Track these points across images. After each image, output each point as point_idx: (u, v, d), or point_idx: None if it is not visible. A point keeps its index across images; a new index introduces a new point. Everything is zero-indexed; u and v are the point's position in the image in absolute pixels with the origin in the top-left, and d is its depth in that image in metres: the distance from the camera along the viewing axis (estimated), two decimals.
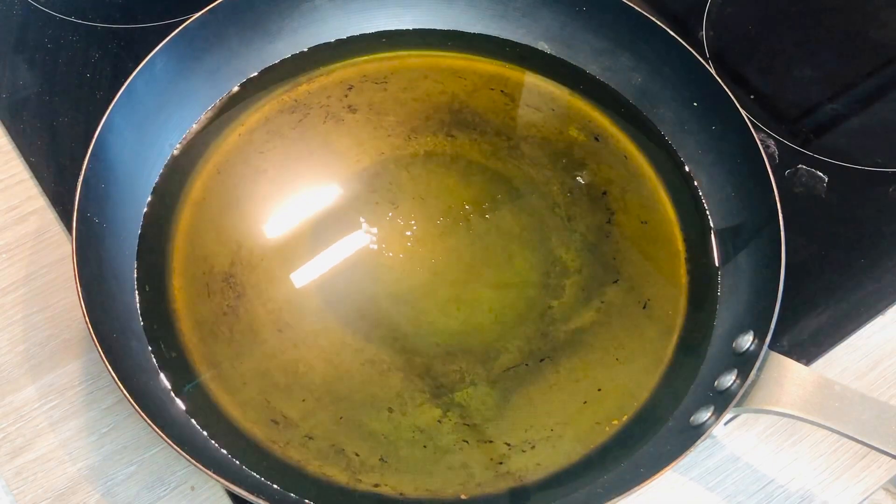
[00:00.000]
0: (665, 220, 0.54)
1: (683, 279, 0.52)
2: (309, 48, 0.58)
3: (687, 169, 0.55)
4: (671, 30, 0.55)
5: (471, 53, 0.59)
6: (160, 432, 0.41)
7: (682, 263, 0.53)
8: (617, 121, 0.57)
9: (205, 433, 0.46)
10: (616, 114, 0.57)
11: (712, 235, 0.53)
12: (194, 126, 0.55)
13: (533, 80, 0.59)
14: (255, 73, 0.57)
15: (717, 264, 0.52)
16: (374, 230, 0.53)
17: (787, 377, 0.44)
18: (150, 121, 0.53)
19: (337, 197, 0.54)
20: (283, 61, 0.58)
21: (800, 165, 0.58)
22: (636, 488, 0.42)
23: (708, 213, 0.54)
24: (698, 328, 0.50)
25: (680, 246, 0.53)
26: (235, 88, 0.57)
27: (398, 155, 0.55)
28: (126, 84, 0.50)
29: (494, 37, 0.59)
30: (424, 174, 0.55)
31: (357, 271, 0.51)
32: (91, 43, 0.60)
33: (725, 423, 0.49)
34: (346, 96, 0.57)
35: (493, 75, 0.59)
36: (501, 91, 0.58)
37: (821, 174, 0.57)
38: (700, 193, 0.54)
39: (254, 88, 0.57)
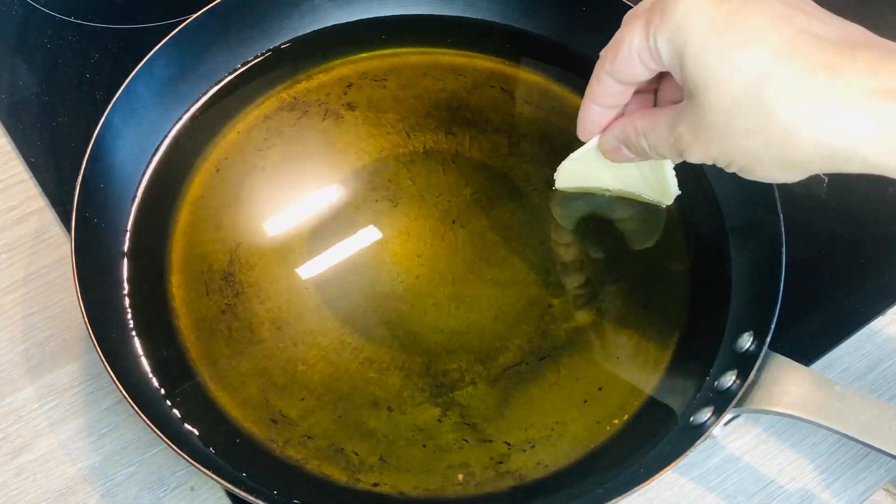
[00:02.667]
0: (667, 219, 0.54)
1: (685, 277, 0.52)
2: (308, 46, 0.58)
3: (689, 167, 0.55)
4: None
5: (470, 50, 0.59)
6: (160, 433, 0.41)
7: (683, 262, 0.53)
8: None
9: (203, 432, 0.46)
10: None
11: (715, 234, 0.53)
12: (193, 125, 0.55)
13: (533, 78, 0.59)
14: (254, 72, 0.57)
15: (718, 263, 0.52)
16: (374, 228, 0.52)
17: (787, 377, 0.44)
18: (149, 121, 0.53)
19: (336, 195, 0.54)
20: (282, 59, 0.58)
21: None
22: (636, 488, 0.42)
23: (710, 211, 0.54)
24: (700, 327, 0.50)
25: (682, 244, 0.53)
26: (234, 87, 0.57)
27: (398, 152, 0.55)
28: (125, 84, 0.50)
29: (495, 30, 0.59)
30: (424, 172, 0.55)
31: (356, 269, 0.51)
32: (91, 43, 0.60)
33: (725, 424, 0.48)
34: (346, 94, 0.57)
35: (493, 72, 0.58)
36: (501, 88, 0.58)
37: (821, 174, 0.57)
38: (703, 192, 0.54)
39: (253, 86, 0.57)
